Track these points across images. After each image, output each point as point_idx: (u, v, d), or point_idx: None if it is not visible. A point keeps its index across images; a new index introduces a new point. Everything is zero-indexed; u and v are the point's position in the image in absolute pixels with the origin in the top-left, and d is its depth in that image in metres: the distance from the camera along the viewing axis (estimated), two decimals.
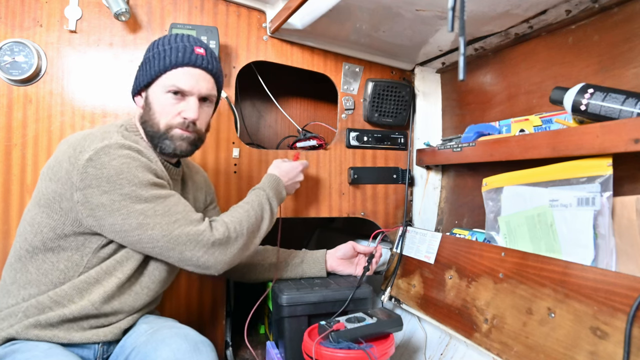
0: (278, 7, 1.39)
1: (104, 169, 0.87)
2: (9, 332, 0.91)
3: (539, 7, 1.10)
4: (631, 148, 0.82)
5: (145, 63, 1.02)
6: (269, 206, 1.13)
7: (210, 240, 0.94)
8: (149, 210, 0.90)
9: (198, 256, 0.94)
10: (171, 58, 0.98)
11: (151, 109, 1.00)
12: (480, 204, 1.26)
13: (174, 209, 0.93)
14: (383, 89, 1.55)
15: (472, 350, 1.15)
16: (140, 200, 0.89)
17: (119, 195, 0.88)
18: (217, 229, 0.96)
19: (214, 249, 0.95)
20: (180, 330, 0.88)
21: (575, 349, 0.82)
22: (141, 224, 0.90)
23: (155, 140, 1.01)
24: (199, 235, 0.93)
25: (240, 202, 1.11)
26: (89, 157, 0.87)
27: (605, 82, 1.02)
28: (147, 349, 0.84)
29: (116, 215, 0.89)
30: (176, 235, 0.91)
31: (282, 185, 1.22)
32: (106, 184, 0.87)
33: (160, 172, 0.97)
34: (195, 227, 0.93)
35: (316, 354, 1.00)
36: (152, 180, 0.92)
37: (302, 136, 1.66)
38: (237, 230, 1.00)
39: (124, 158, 0.89)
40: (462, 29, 0.64)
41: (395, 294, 1.41)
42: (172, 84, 0.98)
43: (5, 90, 1.24)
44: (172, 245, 0.92)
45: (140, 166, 0.91)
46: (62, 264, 0.93)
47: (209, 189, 1.29)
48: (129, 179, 0.89)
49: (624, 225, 0.89)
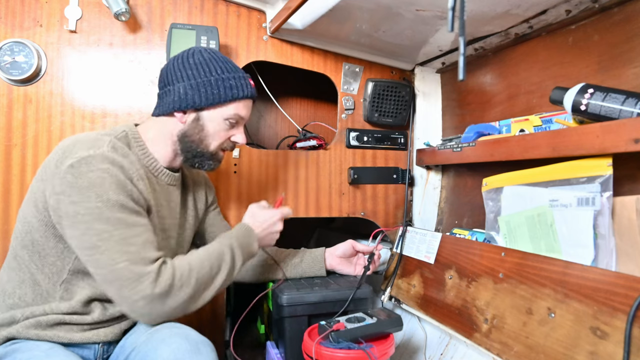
0: (278, 7, 1.39)
1: (80, 178, 0.85)
2: (9, 331, 0.91)
3: (539, 7, 1.10)
4: (631, 148, 0.82)
5: (201, 86, 0.99)
6: (231, 259, 1.01)
7: (149, 290, 0.85)
8: (106, 233, 0.85)
9: (134, 299, 0.85)
10: (239, 91, 1.02)
11: (204, 131, 1.03)
12: (480, 204, 1.26)
13: (131, 240, 0.87)
14: (383, 89, 1.55)
15: (472, 350, 1.15)
16: (101, 220, 0.85)
17: (84, 209, 0.85)
18: (163, 276, 0.87)
19: (152, 299, 0.86)
20: (180, 330, 0.88)
21: (575, 349, 0.82)
22: (94, 245, 0.85)
23: (198, 158, 1.05)
24: (142, 277, 0.85)
25: (202, 248, 1.01)
26: (70, 164, 0.86)
27: (605, 82, 1.02)
28: (147, 349, 0.85)
29: (75, 229, 0.86)
30: (120, 268, 0.84)
31: (254, 236, 1.10)
32: (77, 195, 0.85)
33: (137, 195, 0.92)
34: (142, 268, 0.86)
35: (316, 354, 1.00)
36: (122, 201, 0.88)
37: (302, 136, 1.66)
38: (183, 279, 0.90)
39: (101, 172, 0.87)
40: (462, 29, 0.64)
41: (395, 294, 1.41)
42: (235, 114, 1.03)
43: (5, 90, 1.24)
44: (113, 277, 0.85)
45: (115, 184, 0.88)
46: (53, 263, 0.94)
47: (210, 190, 1.29)
48: (99, 194, 0.86)
49: (624, 225, 0.89)
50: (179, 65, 1.01)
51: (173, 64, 1.02)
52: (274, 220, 1.16)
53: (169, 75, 1.02)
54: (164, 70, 1.04)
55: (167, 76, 1.02)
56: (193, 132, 1.03)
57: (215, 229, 1.29)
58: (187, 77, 1.00)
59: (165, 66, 1.04)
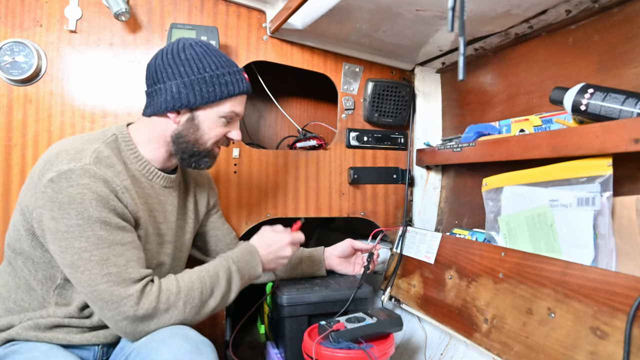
0: (278, 7, 1.39)
1: (60, 194, 0.83)
2: (9, 333, 0.91)
3: (539, 7, 1.10)
4: (631, 148, 0.82)
5: (195, 83, 0.94)
6: (226, 283, 0.96)
7: (132, 312, 0.83)
8: (86, 252, 0.83)
9: (117, 319, 0.84)
10: (235, 87, 0.98)
11: (199, 130, 0.98)
12: (480, 204, 1.26)
13: (113, 260, 0.84)
14: (383, 89, 1.55)
15: (472, 350, 1.15)
16: (81, 238, 0.83)
17: (64, 226, 0.83)
18: (146, 298, 0.85)
19: (135, 320, 0.84)
20: (180, 331, 0.87)
21: (575, 349, 0.82)
22: (74, 264, 0.83)
23: (194, 157, 1.01)
24: (123, 299, 0.83)
25: (197, 267, 0.96)
26: (50, 178, 0.84)
27: (605, 82, 1.02)
28: (147, 350, 0.84)
29: (56, 245, 0.85)
30: (101, 290, 0.83)
31: (258, 259, 1.04)
32: (57, 211, 0.83)
33: (122, 210, 0.89)
34: (124, 290, 0.83)
35: (316, 354, 1.00)
36: (103, 218, 0.84)
37: (302, 136, 1.66)
38: (170, 301, 0.87)
39: (81, 187, 0.83)
40: (462, 29, 0.64)
41: (395, 294, 1.41)
42: (230, 111, 0.99)
43: (5, 90, 1.24)
44: (94, 298, 0.84)
45: (96, 200, 0.84)
46: (45, 269, 0.92)
47: (213, 192, 1.27)
48: (79, 211, 0.83)
49: (624, 225, 0.89)
50: (169, 61, 0.95)
51: (162, 59, 0.95)
52: (282, 244, 1.09)
53: (158, 72, 0.95)
54: (152, 65, 0.97)
55: (157, 73, 0.95)
56: (188, 133, 0.98)
57: (218, 232, 1.27)
58: (180, 74, 0.94)
59: (153, 61, 0.97)
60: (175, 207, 1.09)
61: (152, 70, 0.97)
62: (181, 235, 1.13)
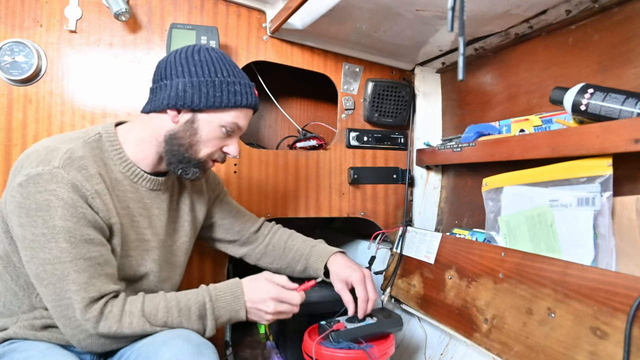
0: (278, 7, 1.39)
1: (28, 199, 0.80)
2: (7, 332, 0.91)
3: (539, 7, 1.10)
4: (631, 148, 0.82)
5: (203, 85, 0.91)
6: (198, 320, 0.90)
7: (92, 331, 0.82)
8: (49, 265, 0.81)
9: (79, 338, 0.83)
10: (242, 98, 0.94)
11: (196, 135, 0.94)
12: (480, 204, 1.26)
13: (73, 277, 0.81)
14: (383, 89, 1.55)
15: (472, 350, 1.15)
16: (45, 249, 0.80)
17: (30, 234, 0.81)
18: (106, 320, 0.83)
19: (97, 338, 0.83)
20: (181, 332, 0.86)
21: (575, 349, 0.82)
22: (38, 275, 0.82)
23: (183, 164, 0.95)
24: (82, 319, 0.81)
25: (174, 293, 0.92)
26: (19, 183, 0.81)
27: (605, 82, 1.02)
28: (148, 351, 0.83)
29: (24, 253, 0.83)
30: (62, 306, 0.82)
31: (242, 303, 0.94)
32: (25, 217, 0.81)
33: (92, 216, 0.85)
34: (83, 311, 0.81)
35: (316, 354, 1.00)
36: (68, 228, 0.81)
37: (302, 136, 1.66)
38: (133, 326, 0.85)
39: (48, 194, 0.80)
40: (461, 29, 0.64)
41: (395, 294, 1.41)
42: (233, 122, 0.95)
43: (5, 90, 1.24)
44: (57, 315, 0.83)
45: (62, 207, 0.81)
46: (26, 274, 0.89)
47: (209, 186, 1.20)
48: (45, 220, 0.80)
49: (624, 225, 0.89)
50: (181, 59, 0.92)
51: (175, 57, 0.93)
52: (267, 297, 0.94)
53: (168, 68, 0.92)
54: (162, 62, 0.95)
55: (166, 69, 0.92)
56: (184, 135, 0.93)
57: (227, 222, 1.23)
58: (189, 73, 0.91)
59: (165, 59, 0.95)
60: (165, 210, 1.04)
61: (162, 66, 0.94)
62: (174, 240, 1.09)
